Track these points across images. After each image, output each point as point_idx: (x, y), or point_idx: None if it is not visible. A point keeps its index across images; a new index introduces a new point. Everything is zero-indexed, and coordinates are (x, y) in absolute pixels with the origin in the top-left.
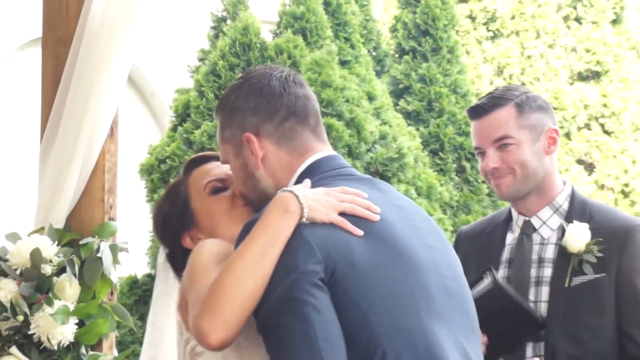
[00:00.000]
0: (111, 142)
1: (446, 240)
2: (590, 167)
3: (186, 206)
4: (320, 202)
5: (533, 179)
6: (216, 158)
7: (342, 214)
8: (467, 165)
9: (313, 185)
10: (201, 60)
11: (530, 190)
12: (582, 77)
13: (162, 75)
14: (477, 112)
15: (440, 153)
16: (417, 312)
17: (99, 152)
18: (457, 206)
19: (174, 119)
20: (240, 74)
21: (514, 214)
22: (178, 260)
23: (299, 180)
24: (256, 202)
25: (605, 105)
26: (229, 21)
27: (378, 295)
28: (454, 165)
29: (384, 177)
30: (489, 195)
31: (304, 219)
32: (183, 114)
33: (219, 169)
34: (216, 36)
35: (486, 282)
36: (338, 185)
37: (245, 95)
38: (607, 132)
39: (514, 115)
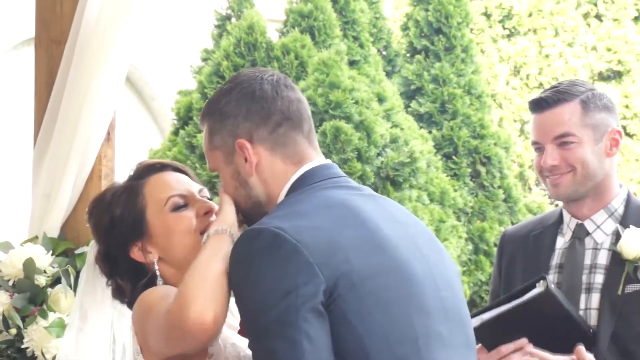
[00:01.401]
0: (108, 147)
1: (446, 255)
2: None
3: (141, 215)
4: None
5: (592, 180)
6: (173, 168)
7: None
8: (482, 169)
9: (304, 195)
10: (205, 60)
11: (587, 192)
12: (603, 77)
13: (163, 76)
14: (540, 105)
15: (453, 157)
16: (415, 341)
17: (95, 157)
18: (472, 212)
19: (175, 122)
20: None
21: (566, 216)
22: (119, 264)
23: (291, 190)
24: (249, 211)
25: (627, 107)
26: (233, 19)
27: (375, 320)
28: (469, 170)
29: (395, 182)
30: (505, 201)
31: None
32: (185, 117)
33: (179, 184)
34: (220, 35)
35: (538, 289)
36: (329, 194)
37: (236, 100)
38: (628, 135)
39: (578, 113)
